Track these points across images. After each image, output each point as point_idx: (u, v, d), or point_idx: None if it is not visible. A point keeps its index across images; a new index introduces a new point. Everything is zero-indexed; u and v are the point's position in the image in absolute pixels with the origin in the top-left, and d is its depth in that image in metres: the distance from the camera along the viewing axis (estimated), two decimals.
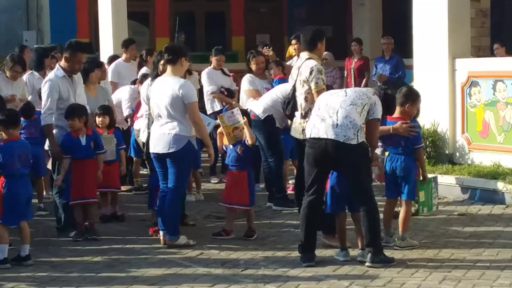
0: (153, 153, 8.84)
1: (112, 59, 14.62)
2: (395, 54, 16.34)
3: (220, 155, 11.40)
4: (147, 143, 9.27)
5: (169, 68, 8.83)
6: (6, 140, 8.22)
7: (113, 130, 10.47)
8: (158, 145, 8.74)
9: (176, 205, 8.79)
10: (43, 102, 9.55)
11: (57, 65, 9.84)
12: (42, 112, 9.49)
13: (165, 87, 8.72)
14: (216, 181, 12.68)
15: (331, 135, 7.78)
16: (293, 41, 13.20)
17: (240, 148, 9.13)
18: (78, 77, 9.77)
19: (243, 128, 9.14)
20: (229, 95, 13.08)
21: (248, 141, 9.14)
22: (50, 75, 9.71)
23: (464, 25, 12.04)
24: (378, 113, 7.97)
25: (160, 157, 8.76)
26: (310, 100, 9.01)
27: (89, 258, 8.47)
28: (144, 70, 12.82)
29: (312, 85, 9.00)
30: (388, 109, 8.32)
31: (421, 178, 8.50)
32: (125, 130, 11.99)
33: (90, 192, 9.37)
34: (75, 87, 9.59)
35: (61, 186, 9.35)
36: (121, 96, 12.19)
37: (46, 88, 9.47)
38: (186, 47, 9.39)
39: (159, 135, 8.73)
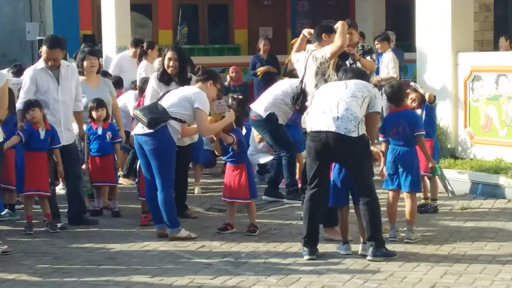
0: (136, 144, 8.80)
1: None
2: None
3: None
4: None
5: (197, 84, 9.02)
6: None
7: (108, 123, 10.26)
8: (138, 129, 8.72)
9: (167, 199, 8.67)
10: (20, 91, 9.55)
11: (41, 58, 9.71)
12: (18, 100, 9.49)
13: (178, 92, 8.84)
14: (206, 172, 12.61)
15: (332, 128, 7.77)
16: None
17: (235, 144, 9.05)
18: (70, 71, 9.55)
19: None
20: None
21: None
22: (32, 67, 9.68)
23: (467, 19, 12.03)
24: (378, 106, 7.97)
25: (140, 146, 8.68)
26: None
27: (90, 250, 8.48)
28: (143, 64, 12.69)
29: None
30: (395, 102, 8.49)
31: (429, 166, 8.60)
32: None
33: (44, 185, 9.23)
34: (61, 81, 9.40)
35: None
36: (127, 101, 11.81)
37: (24, 78, 9.52)
38: (219, 75, 9.36)
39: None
